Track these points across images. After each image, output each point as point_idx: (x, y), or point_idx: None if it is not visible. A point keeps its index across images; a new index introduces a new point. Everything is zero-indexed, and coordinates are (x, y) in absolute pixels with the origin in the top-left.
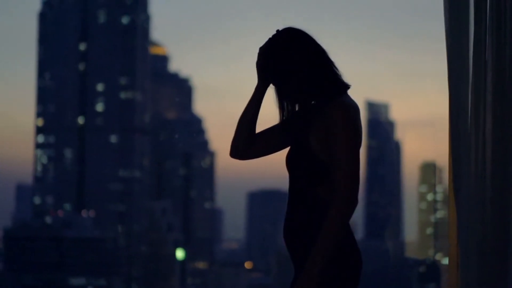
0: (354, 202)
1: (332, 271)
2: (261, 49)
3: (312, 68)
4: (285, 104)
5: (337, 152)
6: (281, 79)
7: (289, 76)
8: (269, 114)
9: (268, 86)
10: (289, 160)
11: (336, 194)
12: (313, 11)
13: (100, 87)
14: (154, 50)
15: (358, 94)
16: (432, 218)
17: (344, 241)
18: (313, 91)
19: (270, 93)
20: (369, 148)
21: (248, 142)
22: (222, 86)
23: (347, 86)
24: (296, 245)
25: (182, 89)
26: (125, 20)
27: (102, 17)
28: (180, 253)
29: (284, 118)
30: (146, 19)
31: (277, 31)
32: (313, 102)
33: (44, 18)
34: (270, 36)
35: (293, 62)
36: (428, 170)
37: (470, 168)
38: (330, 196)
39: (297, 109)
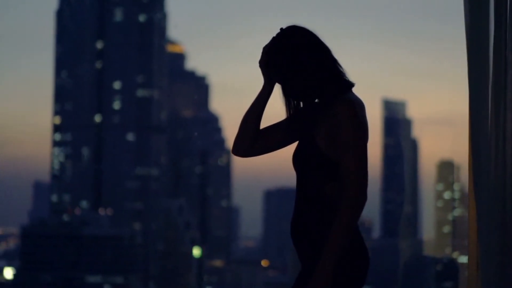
0: (364, 198)
1: (341, 269)
2: (265, 47)
3: (316, 66)
4: (291, 101)
5: (344, 149)
6: (285, 77)
7: (293, 74)
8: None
9: (274, 85)
10: (296, 158)
11: (345, 191)
12: (330, 11)
13: (117, 85)
14: (171, 48)
15: (375, 92)
16: (449, 216)
17: (352, 238)
18: (317, 89)
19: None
20: (386, 146)
21: (251, 140)
22: (239, 84)
23: (351, 84)
24: (303, 243)
25: (199, 87)
26: (142, 18)
27: (119, 15)
28: (196, 251)
29: (289, 115)
30: (163, 17)
31: (281, 29)
32: (317, 100)
33: (61, 16)
34: (274, 35)
35: (297, 60)
36: (445, 168)
37: (490, 167)
38: (337, 194)
39: (302, 106)
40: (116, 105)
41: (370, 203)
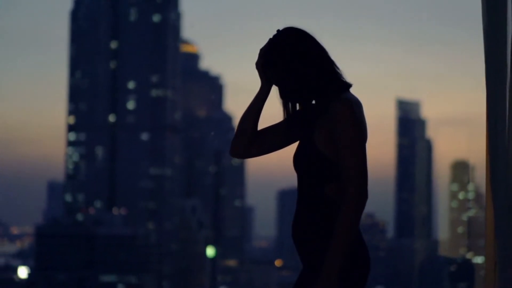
0: (364, 197)
1: (343, 268)
2: (262, 49)
3: (312, 68)
4: (288, 103)
5: (343, 149)
6: (282, 79)
7: (290, 76)
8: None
9: (271, 86)
10: (296, 159)
11: (346, 191)
12: (347, 13)
13: (131, 85)
14: (185, 48)
15: (390, 93)
16: (464, 217)
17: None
18: (314, 90)
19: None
20: (400, 147)
21: (249, 142)
22: (253, 84)
23: (348, 85)
24: (304, 244)
25: (213, 87)
26: (156, 18)
27: (133, 15)
28: (210, 251)
29: (287, 116)
30: (177, 17)
31: (278, 31)
32: (314, 101)
33: (76, 17)
34: (273, 36)
35: (294, 62)
36: (460, 168)
37: (508, 167)
38: (337, 194)
39: (299, 108)
40: (130, 105)
41: (384, 204)
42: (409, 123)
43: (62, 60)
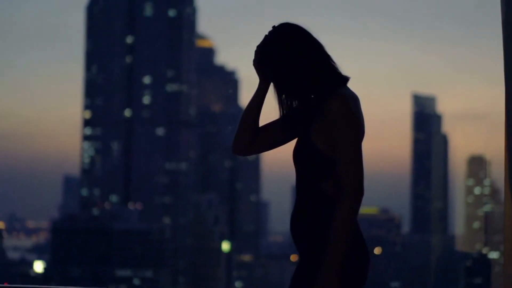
0: (360, 194)
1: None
2: (258, 47)
3: (308, 63)
4: (285, 99)
5: (339, 145)
6: (278, 75)
7: (286, 72)
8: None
9: (269, 83)
10: (294, 155)
11: (342, 188)
12: (363, 7)
13: (146, 79)
14: (200, 43)
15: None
16: (480, 212)
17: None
18: (311, 85)
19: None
20: (416, 141)
21: (250, 139)
22: None
23: (345, 78)
24: (302, 240)
25: (228, 81)
26: (171, 13)
27: (148, 10)
28: (226, 246)
29: (284, 113)
30: (193, 12)
31: (273, 27)
32: (312, 96)
33: (92, 11)
34: (271, 33)
35: (289, 58)
36: (476, 163)
37: None
38: (334, 191)
39: (297, 104)
40: (146, 99)
41: (400, 199)
42: (425, 118)
43: (78, 55)
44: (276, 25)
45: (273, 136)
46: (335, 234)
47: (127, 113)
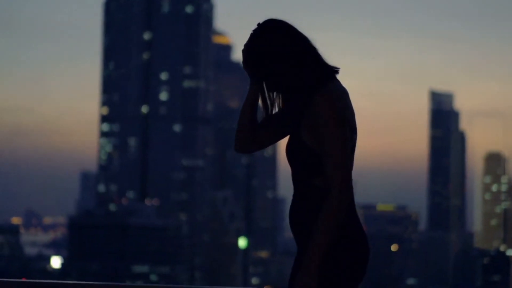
0: (345, 192)
1: (337, 258)
2: (245, 46)
3: (294, 57)
4: (274, 96)
5: (325, 145)
6: (266, 73)
7: (273, 69)
8: None
9: (261, 82)
10: (287, 153)
11: (329, 186)
12: (382, 3)
13: (164, 76)
14: (217, 39)
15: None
16: (497, 209)
17: (348, 229)
18: (298, 80)
19: None
20: (433, 138)
21: (249, 137)
22: None
23: (333, 70)
24: (298, 233)
25: (245, 78)
26: (189, 9)
27: (166, 7)
28: (242, 242)
29: (273, 111)
30: (210, 8)
31: (258, 24)
32: (302, 92)
33: (109, 8)
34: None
35: (276, 54)
36: (493, 160)
37: None
38: (327, 184)
39: (287, 100)
40: (163, 96)
41: (417, 196)
42: (443, 114)
43: (95, 51)
44: (260, 22)
45: (271, 132)
46: (317, 234)
47: (144, 109)
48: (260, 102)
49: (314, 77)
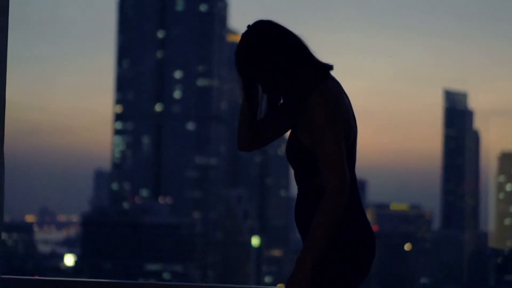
0: (342, 191)
1: (337, 257)
2: (236, 48)
3: (286, 58)
4: (270, 97)
5: (319, 146)
6: (259, 74)
7: (265, 69)
8: None
9: (252, 83)
10: (286, 153)
11: (326, 186)
12: (397, 3)
13: (177, 74)
14: (231, 38)
15: (437, 83)
16: (511, 209)
17: (350, 229)
18: (292, 80)
19: None
20: (447, 137)
21: (251, 137)
22: None
23: (327, 68)
24: (303, 231)
25: None
26: (203, 7)
27: (180, 5)
28: (255, 241)
29: (276, 110)
30: (224, 6)
31: (248, 26)
32: (295, 92)
33: (123, 6)
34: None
35: (266, 56)
36: (507, 160)
37: None
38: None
39: (283, 100)
40: (177, 94)
41: (430, 195)
42: (457, 114)
43: (109, 49)
44: (250, 24)
45: (271, 130)
46: (312, 234)
47: (158, 107)
48: (255, 102)
49: (307, 77)
